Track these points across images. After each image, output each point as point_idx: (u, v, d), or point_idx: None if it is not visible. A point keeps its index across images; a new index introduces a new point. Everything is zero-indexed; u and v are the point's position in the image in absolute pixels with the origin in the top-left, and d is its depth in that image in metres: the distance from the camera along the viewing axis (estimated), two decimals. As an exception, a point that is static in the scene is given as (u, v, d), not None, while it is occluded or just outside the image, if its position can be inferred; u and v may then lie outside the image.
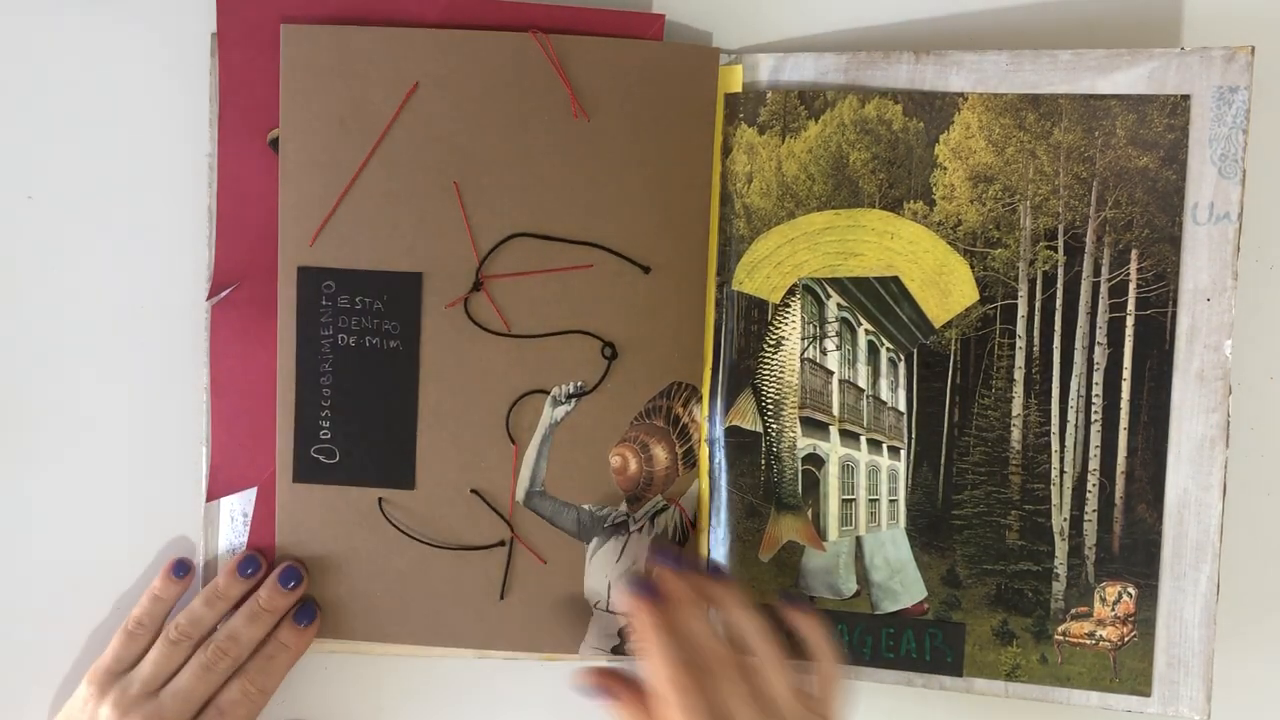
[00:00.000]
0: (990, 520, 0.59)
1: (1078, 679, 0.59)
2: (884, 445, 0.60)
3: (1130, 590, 0.58)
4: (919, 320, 0.60)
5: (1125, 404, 0.58)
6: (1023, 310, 0.59)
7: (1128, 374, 0.58)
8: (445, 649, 0.62)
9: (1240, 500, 0.60)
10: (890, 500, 0.60)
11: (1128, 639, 0.58)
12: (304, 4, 0.60)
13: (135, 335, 0.63)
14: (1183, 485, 0.58)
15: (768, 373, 0.61)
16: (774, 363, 0.61)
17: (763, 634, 0.52)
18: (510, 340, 0.61)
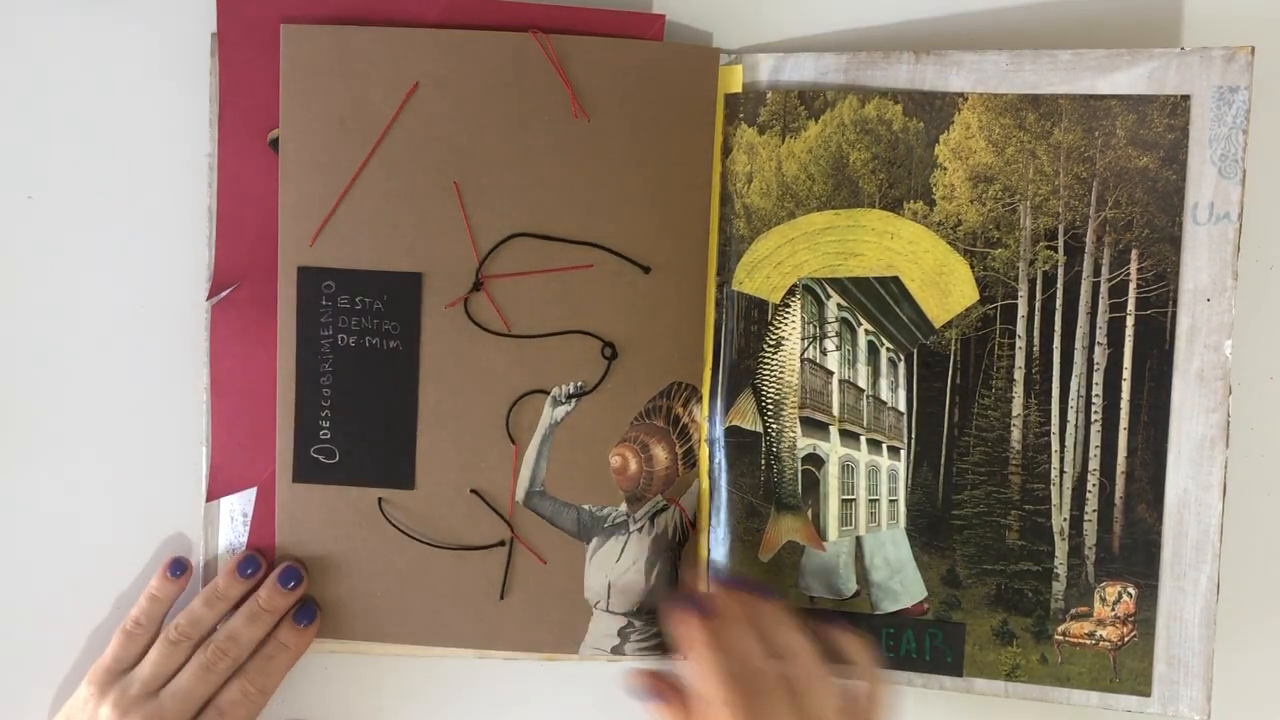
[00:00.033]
0: (990, 520, 0.59)
1: (1078, 679, 0.59)
2: (884, 445, 0.60)
3: (1130, 590, 0.58)
4: (919, 320, 0.60)
5: (1125, 404, 0.58)
6: (1023, 310, 0.59)
7: (1128, 374, 0.58)
8: (445, 649, 0.62)
9: (1240, 500, 0.60)
10: (890, 500, 0.60)
11: (1128, 639, 0.58)
12: (304, 4, 0.60)
13: (135, 335, 0.63)
14: (1183, 485, 0.58)
15: (768, 373, 0.61)
16: (774, 363, 0.61)
17: (811, 654, 0.53)
18: (510, 340, 0.61)
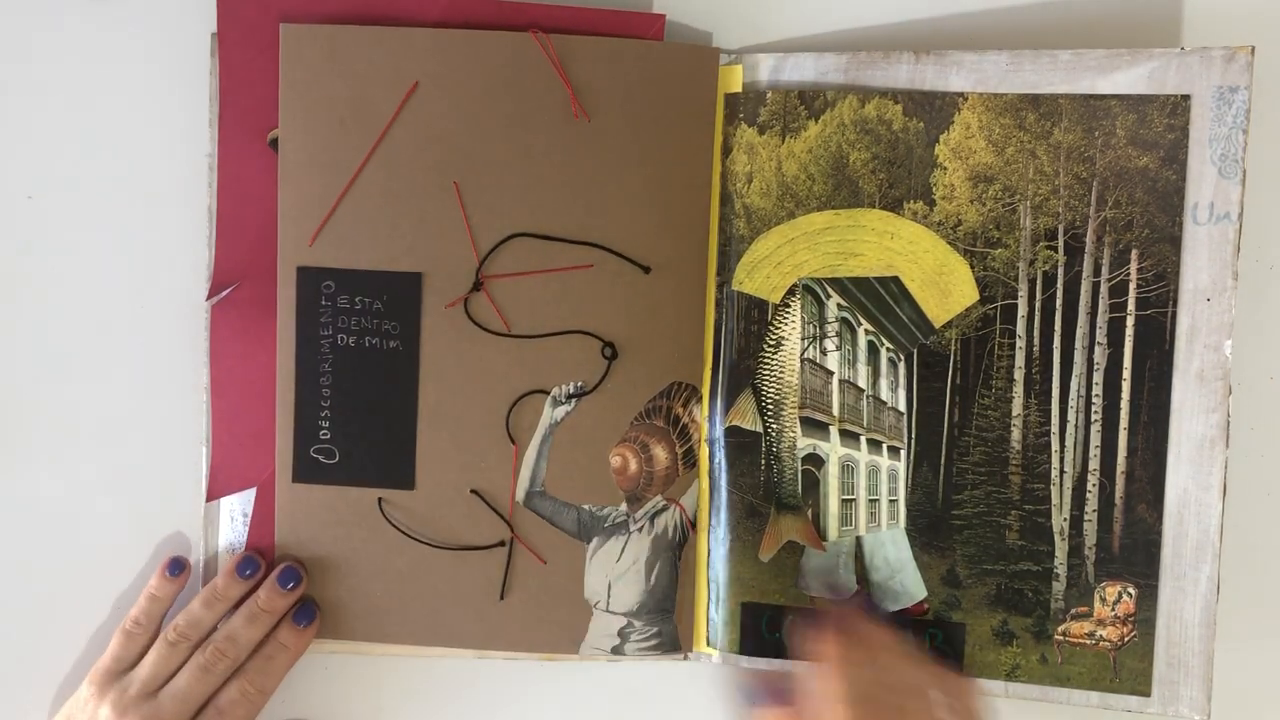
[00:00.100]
0: (990, 520, 0.59)
1: (1078, 679, 0.59)
2: (884, 445, 0.60)
3: (1130, 590, 0.58)
4: (919, 320, 0.60)
5: (1125, 404, 0.58)
6: (1023, 310, 0.59)
7: (1128, 374, 0.58)
8: (445, 649, 0.62)
9: (1240, 500, 0.60)
10: (890, 500, 0.60)
11: (1128, 639, 0.58)
12: (304, 4, 0.60)
13: (135, 335, 0.63)
14: (1183, 485, 0.58)
15: (768, 373, 0.61)
16: (774, 363, 0.61)
17: (925, 690, 0.54)
18: (510, 340, 0.61)
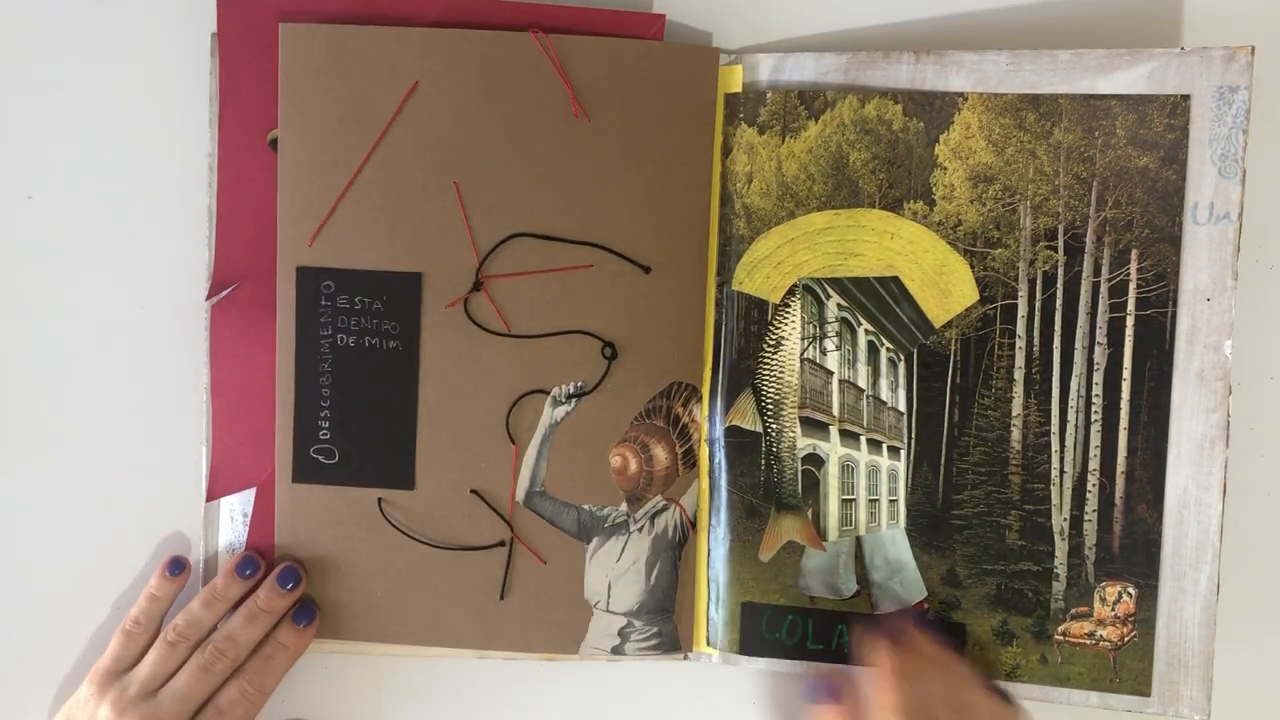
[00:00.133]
0: (990, 520, 0.59)
1: (1078, 679, 0.59)
2: (884, 445, 0.60)
3: (1130, 590, 0.58)
4: (919, 320, 0.60)
5: (1125, 404, 0.58)
6: (1023, 310, 0.59)
7: (1128, 374, 0.58)
8: (445, 649, 0.62)
9: (1240, 500, 0.60)
10: (890, 500, 0.60)
11: (1128, 639, 0.58)
12: (303, 4, 0.60)
13: (135, 335, 0.63)
14: (1183, 485, 0.58)
15: (768, 373, 0.61)
16: (774, 363, 0.61)
17: (974, 708, 0.55)
18: (510, 340, 0.61)
